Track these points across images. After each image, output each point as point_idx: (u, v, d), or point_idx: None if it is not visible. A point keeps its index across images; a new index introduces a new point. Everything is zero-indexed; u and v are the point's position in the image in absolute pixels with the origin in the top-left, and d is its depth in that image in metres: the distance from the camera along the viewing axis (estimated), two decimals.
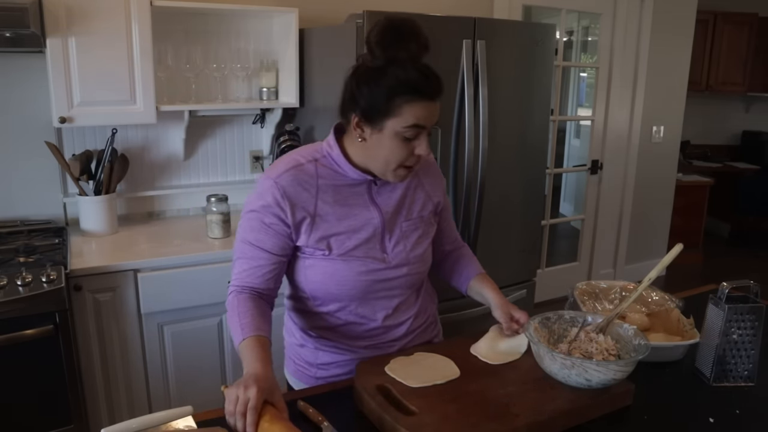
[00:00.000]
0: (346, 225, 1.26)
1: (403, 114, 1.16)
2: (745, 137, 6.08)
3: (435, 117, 1.20)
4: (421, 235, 1.35)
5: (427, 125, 1.19)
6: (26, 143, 2.37)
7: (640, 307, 1.50)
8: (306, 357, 1.39)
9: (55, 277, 1.88)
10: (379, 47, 1.16)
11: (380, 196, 1.30)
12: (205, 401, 2.21)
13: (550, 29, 2.63)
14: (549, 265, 4.12)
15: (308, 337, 1.38)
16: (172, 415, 1.06)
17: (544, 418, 1.07)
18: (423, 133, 1.19)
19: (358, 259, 1.26)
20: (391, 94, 1.15)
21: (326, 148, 1.28)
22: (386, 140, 1.19)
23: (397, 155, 1.20)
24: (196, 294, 2.16)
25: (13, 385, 1.85)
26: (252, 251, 1.26)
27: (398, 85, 1.15)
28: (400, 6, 2.90)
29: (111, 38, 2.15)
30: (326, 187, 1.26)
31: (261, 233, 1.24)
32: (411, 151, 1.20)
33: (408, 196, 1.34)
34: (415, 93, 1.15)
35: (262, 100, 2.64)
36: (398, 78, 1.15)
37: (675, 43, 4.16)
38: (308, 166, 1.26)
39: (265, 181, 1.25)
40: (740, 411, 1.18)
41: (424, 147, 1.20)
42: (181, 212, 2.71)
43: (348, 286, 1.27)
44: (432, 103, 1.18)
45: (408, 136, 1.18)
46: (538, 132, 2.70)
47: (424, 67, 1.17)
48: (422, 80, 1.16)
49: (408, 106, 1.15)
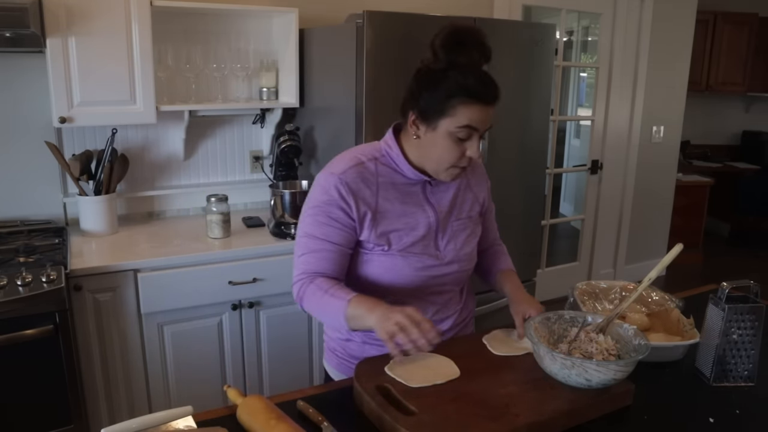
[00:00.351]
0: (404, 222, 1.32)
1: (457, 115, 1.21)
2: (745, 137, 6.08)
3: (488, 121, 1.25)
4: (469, 234, 1.42)
5: (479, 128, 1.23)
6: (26, 143, 2.37)
7: (640, 307, 1.50)
8: (352, 351, 1.42)
9: (55, 277, 1.88)
10: (442, 50, 1.23)
11: (434, 195, 1.37)
12: (205, 401, 2.22)
13: (550, 29, 2.63)
14: (549, 265, 4.12)
15: (356, 331, 1.39)
16: (172, 415, 1.06)
17: (544, 418, 1.07)
18: (475, 136, 1.24)
19: (415, 255, 1.32)
20: (447, 95, 1.21)
21: (385, 147, 1.35)
22: (439, 139, 1.24)
23: (449, 155, 1.25)
24: (196, 294, 2.16)
25: (13, 385, 1.85)
26: (319, 245, 1.29)
27: (456, 87, 1.20)
28: (400, 6, 2.90)
29: (111, 38, 2.15)
30: (386, 184, 1.31)
31: (327, 227, 1.28)
32: (462, 152, 1.25)
33: (459, 196, 1.41)
34: (470, 96, 1.20)
35: (262, 100, 2.64)
36: (456, 81, 1.20)
37: (675, 43, 4.16)
38: (369, 164, 1.32)
39: (328, 177, 1.29)
40: (740, 411, 1.18)
41: (476, 149, 1.25)
42: (181, 212, 2.71)
43: (404, 281, 1.32)
44: (486, 107, 1.22)
45: (460, 136, 1.23)
46: (538, 132, 2.70)
47: (483, 74, 1.23)
48: (479, 85, 1.21)
49: (462, 107, 1.21)
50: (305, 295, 1.28)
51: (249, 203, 2.82)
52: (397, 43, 2.18)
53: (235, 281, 2.20)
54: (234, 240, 2.32)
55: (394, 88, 2.21)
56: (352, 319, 1.20)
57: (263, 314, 2.32)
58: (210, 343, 2.26)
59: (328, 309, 1.23)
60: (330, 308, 1.23)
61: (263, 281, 2.25)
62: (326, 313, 1.25)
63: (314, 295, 1.26)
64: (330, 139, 2.47)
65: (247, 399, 1.11)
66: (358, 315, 1.19)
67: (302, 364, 2.46)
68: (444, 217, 1.37)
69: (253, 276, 2.23)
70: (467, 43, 1.22)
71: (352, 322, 1.21)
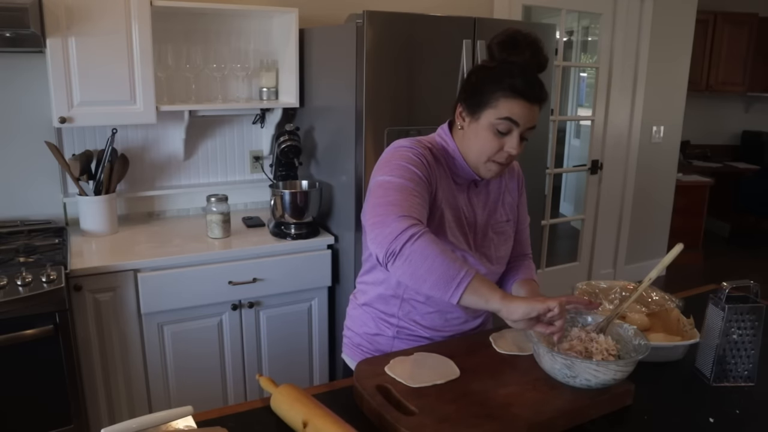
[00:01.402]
0: (446, 210, 1.33)
1: (499, 107, 1.24)
2: (745, 137, 6.09)
3: (531, 120, 1.26)
4: (507, 238, 1.46)
5: (520, 123, 1.25)
6: (26, 143, 2.37)
7: (640, 307, 1.50)
8: (380, 346, 1.44)
9: (55, 277, 1.88)
10: (497, 48, 1.27)
11: (476, 196, 1.40)
12: (205, 401, 2.23)
13: (550, 29, 2.63)
14: (549, 265, 4.12)
15: (388, 325, 1.42)
16: (172, 415, 1.06)
17: (544, 418, 1.07)
18: (515, 131, 1.26)
19: (453, 245, 1.34)
20: (493, 88, 1.25)
21: (440, 141, 1.37)
22: (481, 130, 1.28)
23: (488, 147, 1.28)
24: (196, 294, 2.16)
25: (13, 385, 1.85)
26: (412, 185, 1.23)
27: (501, 81, 1.24)
28: (400, 6, 2.90)
29: (111, 38, 2.15)
30: (442, 172, 1.34)
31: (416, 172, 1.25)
32: (501, 146, 1.27)
33: (499, 200, 1.45)
34: (514, 91, 1.23)
35: (262, 100, 2.64)
36: (503, 75, 1.24)
37: (675, 43, 4.16)
38: (432, 150, 1.34)
39: (411, 144, 1.30)
40: (740, 411, 1.18)
41: (515, 145, 1.26)
42: (181, 212, 2.71)
43: None
44: (529, 105, 1.24)
45: (501, 129, 1.26)
46: (538, 132, 2.69)
47: (532, 74, 1.25)
48: (525, 82, 1.23)
49: (505, 100, 1.24)
50: (422, 240, 1.13)
51: (249, 203, 2.83)
52: (397, 43, 2.18)
53: (235, 281, 2.20)
54: (234, 240, 2.32)
55: (394, 88, 2.23)
56: (474, 292, 1.11)
57: (263, 314, 2.32)
58: (210, 343, 2.26)
59: (448, 269, 1.11)
60: (449, 270, 1.11)
61: (263, 281, 2.25)
62: (438, 272, 1.11)
63: (432, 247, 1.12)
64: (330, 139, 2.47)
65: (281, 388, 1.13)
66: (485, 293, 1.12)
67: (302, 364, 2.46)
68: (482, 218, 1.40)
69: (253, 276, 2.23)
70: (521, 44, 1.25)
71: (468, 298, 1.12)
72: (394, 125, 2.24)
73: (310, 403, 1.07)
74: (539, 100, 1.26)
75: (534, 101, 1.25)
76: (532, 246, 1.66)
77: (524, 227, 1.57)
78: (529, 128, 1.28)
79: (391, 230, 1.14)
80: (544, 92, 1.27)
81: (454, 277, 1.11)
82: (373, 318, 1.45)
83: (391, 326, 1.42)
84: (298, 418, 1.05)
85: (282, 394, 1.11)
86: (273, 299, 2.31)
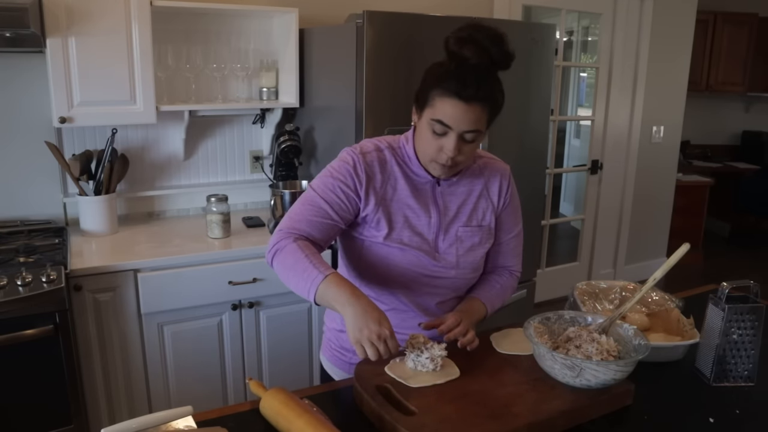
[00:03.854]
0: (407, 216, 1.32)
1: (435, 106, 1.20)
2: (745, 137, 6.09)
3: (468, 121, 1.19)
4: (476, 243, 1.37)
5: (453, 126, 1.19)
6: (26, 143, 2.37)
7: (640, 307, 1.50)
8: (344, 343, 1.43)
9: (55, 277, 1.88)
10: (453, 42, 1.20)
11: (443, 197, 1.35)
12: (205, 401, 2.22)
13: (550, 29, 2.63)
14: (549, 265, 4.12)
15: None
16: (172, 415, 1.06)
17: (544, 418, 1.07)
18: (450, 133, 1.21)
19: (412, 249, 1.31)
20: (432, 86, 1.21)
21: (403, 140, 1.35)
22: (423, 129, 1.25)
23: (428, 147, 1.25)
24: (196, 294, 2.16)
25: (13, 385, 1.85)
26: (319, 205, 1.29)
27: (439, 79, 1.19)
28: (400, 6, 2.90)
29: (111, 38, 2.15)
30: (398, 175, 1.32)
31: (332, 193, 1.29)
32: (440, 148, 1.23)
33: (470, 202, 1.38)
34: (448, 90, 1.18)
35: (262, 100, 2.64)
36: (442, 73, 1.20)
37: (675, 43, 4.16)
38: (386, 153, 1.33)
39: (350, 152, 1.31)
40: (740, 411, 1.18)
41: (451, 148, 1.21)
42: (181, 212, 2.71)
43: (397, 273, 1.32)
44: (465, 104, 1.17)
45: (436, 130, 1.21)
46: (538, 132, 2.70)
47: (473, 71, 1.17)
48: (459, 80, 1.16)
49: (440, 99, 1.19)
50: (284, 249, 1.24)
51: (249, 203, 2.82)
52: (397, 43, 2.18)
53: (235, 281, 2.20)
54: (234, 240, 2.32)
55: (394, 88, 2.23)
56: (323, 295, 1.17)
57: (263, 314, 2.32)
58: (210, 343, 2.26)
59: (302, 274, 1.19)
60: (304, 274, 1.19)
61: (263, 281, 2.25)
62: (298, 277, 1.20)
63: (293, 254, 1.22)
64: (330, 139, 2.47)
65: (270, 391, 1.11)
66: (333, 296, 1.16)
67: (302, 364, 2.46)
68: (449, 220, 1.35)
69: (253, 276, 2.23)
70: (477, 40, 1.18)
71: (322, 299, 1.18)
72: (394, 125, 2.24)
73: (298, 407, 1.05)
74: (477, 99, 1.17)
75: (470, 101, 1.17)
76: (532, 246, 1.63)
77: (510, 238, 1.45)
78: (470, 131, 1.20)
79: (270, 242, 1.28)
80: (483, 91, 1.17)
81: (308, 282, 1.18)
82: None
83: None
84: (284, 424, 1.04)
85: (269, 399, 1.10)
86: (273, 299, 2.31)
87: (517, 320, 1.44)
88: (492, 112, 1.24)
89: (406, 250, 1.31)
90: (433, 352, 1.21)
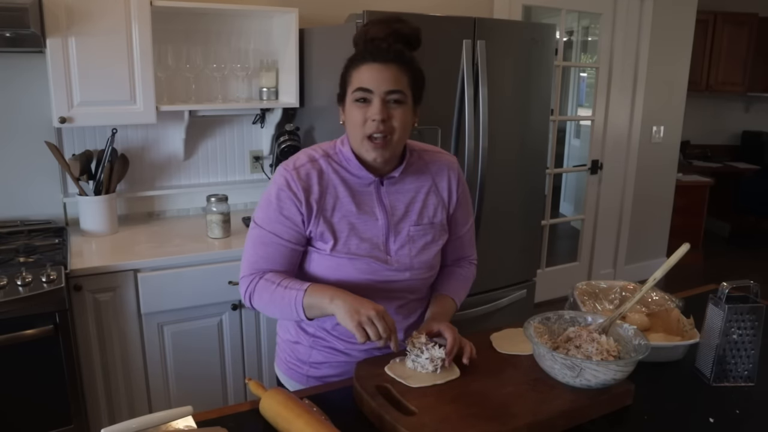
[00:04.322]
0: (352, 223, 1.28)
1: (352, 81, 1.23)
2: (745, 137, 6.09)
3: (387, 81, 1.20)
4: (429, 242, 1.34)
5: (373, 88, 1.20)
6: (26, 143, 2.37)
7: (640, 307, 1.50)
8: (299, 355, 1.40)
9: (55, 277, 1.88)
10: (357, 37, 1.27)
11: (389, 196, 1.32)
12: (205, 401, 2.22)
13: (550, 29, 2.63)
14: (549, 265, 4.12)
15: (304, 334, 1.38)
16: (172, 415, 1.06)
17: (544, 418, 1.07)
18: (373, 97, 1.21)
19: (361, 257, 1.27)
20: (347, 68, 1.26)
21: (339, 145, 1.33)
22: (348, 112, 1.25)
23: (356, 126, 1.23)
24: (196, 294, 2.16)
25: (13, 385, 1.85)
26: (269, 239, 1.28)
27: (350, 60, 1.25)
28: (400, 6, 2.90)
29: (111, 38, 2.15)
30: (337, 183, 1.29)
31: (277, 224, 1.27)
32: (366, 120, 1.22)
33: (419, 199, 1.34)
34: (361, 58, 1.22)
35: (262, 100, 2.64)
36: (354, 53, 1.26)
37: (675, 43, 4.16)
38: (321, 162, 1.30)
39: (282, 172, 1.29)
40: (740, 411, 1.18)
41: (377, 111, 1.20)
42: (181, 212, 2.71)
43: (349, 283, 1.27)
44: (379, 65, 1.20)
45: (357, 98, 1.22)
46: (538, 132, 2.70)
47: (383, 41, 1.22)
48: (370, 46, 1.22)
49: (355, 71, 1.23)
50: (255, 290, 1.28)
51: (249, 203, 2.82)
52: None
53: (235, 281, 2.20)
54: (234, 240, 2.32)
55: None
56: (310, 307, 1.20)
57: (263, 314, 2.32)
58: (210, 343, 2.26)
59: (283, 301, 1.22)
60: (285, 300, 1.22)
61: None
62: (280, 305, 1.23)
63: (266, 289, 1.25)
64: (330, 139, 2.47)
65: (270, 391, 1.12)
66: (317, 303, 1.19)
67: None
68: (397, 220, 1.31)
69: None
70: (377, 21, 1.25)
71: (311, 311, 1.21)
72: None
73: (297, 408, 1.05)
74: (391, 59, 1.20)
75: (383, 60, 1.20)
76: (532, 246, 1.64)
77: (465, 230, 1.45)
78: (392, 91, 1.20)
79: (240, 291, 1.33)
80: (395, 53, 1.21)
81: (292, 304, 1.21)
82: (293, 324, 1.40)
83: (307, 335, 1.37)
84: (284, 425, 1.05)
85: (269, 400, 1.10)
86: None
87: (517, 320, 1.44)
88: (413, 76, 1.25)
89: (356, 259, 1.27)
90: (433, 353, 1.21)
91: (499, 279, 2.69)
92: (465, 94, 2.33)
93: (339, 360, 1.36)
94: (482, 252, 2.59)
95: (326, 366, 1.36)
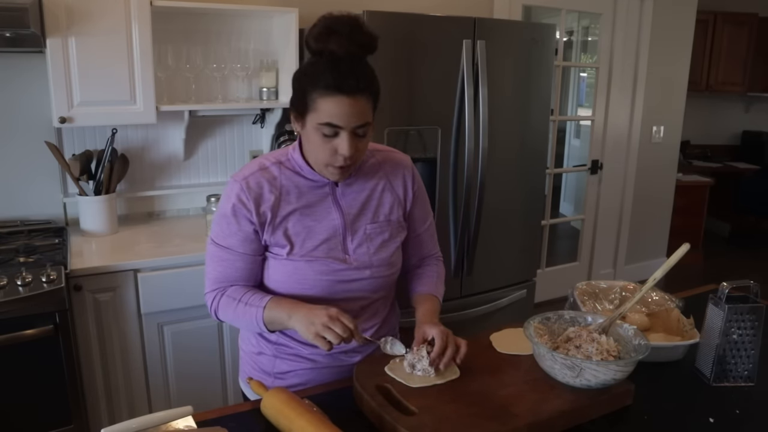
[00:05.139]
0: (308, 225, 1.27)
1: (319, 110, 1.14)
2: (745, 137, 6.09)
3: (357, 116, 1.14)
4: (387, 239, 1.33)
5: (343, 125, 1.14)
6: (26, 143, 2.37)
7: (640, 307, 1.50)
8: (263, 366, 1.38)
9: (55, 277, 1.88)
10: (314, 42, 1.16)
11: (345, 197, 1.30)
12: (205, 401, 2.22)
13: (550, 29, 2.63)
14: (549, 265, 4.12)
15: (267, 343, 1.37)
16: (172, 415, 1.06)
17: (544, 418, 1.07)
18: (342, 132, 1.15)
19: (319, 259, 1.26)
20: (309, 90, 1.14)
21: (291, 151, 1.30)
22: (311, 135, 1.18)
23: (321, 153, 1.18)
24: (196, 294, 2.16)
25: (13, 385, 1.85)
26: (226, 254, 1.28)
27: (316, 80, 1.13)
28: (400, 6, 2.90)
29: (111, 38, 2.15)
30: (290, 188, 1.27)
31: (232, 237, 1.27)
32: (334, 151, 1.17)
33: (374, 198, 1.33)
34: (327, 87, 1.12)
35: (262, 100, 2.64)
36: (317, 73, 1.13)
37: (675, 43, 4.16)
38: (272, 169, 1.28)
39: (232, 184, 1.27)
40: (740, 411, 1.18)
41: (346, 147, 1.15)
42: (181, 212, 2.71)
43: (309, 286, 1.27)
44: (349, 99, 1.12)
45: (326, 133, 1.15)
46: (538, 132, 2.70)
47: (346, 62, 1.13)
48: (338, 75, 1.11)
49: (322, 100, 1.13)
50: (219, 307, 1.29)
51: None
52: (397, 43, 2.18)
53: None
54: None
55: (394, 88, 2.22)
56: (271, 323, 1.23)
57: None
58: (210, 343, 2.26)
59: (245, 317, 1.24)
60: (246, 317, 1.24)
61: None
62: (244, 320, 1.25)
63: (228, 306, 1.27)
64: None
65: (272, 391, 1.12)
66: (277, 318, 1.21)
67: None
68: (353, 220, 1.30)
69: None
70: (338, 30, 1.13)
71: (273, 326, 1.24)
72: (394, 125, 2.24)
73: (299, 407, 1.06)
74: (359, 90, 1.13)
75: (353, 93, 1.12)
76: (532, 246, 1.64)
77: (426, 227, 1.44)
78: (360, 125, 1.15)
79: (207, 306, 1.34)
80: (363, 81, 1.13)
81: (253, 321, 1.23)
82: (254, 333, 1.38)
83: (270, 344, 1.36)
84: (286, 423, 1.05)
85: (271, 398, 1.10)
86: None
87: (517, 320, 1.45)
88: (375, 100, 1.19)
89: (313, 261, 1.26)
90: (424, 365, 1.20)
91: (499, 279, 2.69)
92: (465, 94, 2.33)
93: (305, 367, 1.34)
94: (482, 252, 2.61)
95: (292, 375, 1.35)
